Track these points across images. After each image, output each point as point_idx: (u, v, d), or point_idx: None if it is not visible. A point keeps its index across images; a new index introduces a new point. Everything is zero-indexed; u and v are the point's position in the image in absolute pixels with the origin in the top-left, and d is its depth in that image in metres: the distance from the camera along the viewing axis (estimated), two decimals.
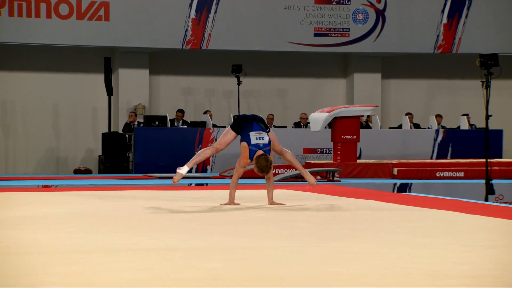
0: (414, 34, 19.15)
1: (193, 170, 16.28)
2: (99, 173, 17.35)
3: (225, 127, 16.94)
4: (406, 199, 8.73)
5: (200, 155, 7.88)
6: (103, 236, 5.44)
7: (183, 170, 7.77)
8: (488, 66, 12.08)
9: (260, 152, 7.53)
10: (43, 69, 18.78)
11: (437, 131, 17.16)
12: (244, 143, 7.59)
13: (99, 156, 17.62)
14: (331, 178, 13.51)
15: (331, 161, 14.66)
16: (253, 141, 7.57)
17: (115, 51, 18.81)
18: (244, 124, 7.71)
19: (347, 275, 4.00)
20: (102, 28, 17.81)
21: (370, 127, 17.79)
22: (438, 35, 19.19)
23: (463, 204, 8.21)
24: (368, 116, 18.01)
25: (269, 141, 7.62)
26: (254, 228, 6.07)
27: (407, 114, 18.02)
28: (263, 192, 8.06)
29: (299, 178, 13.49)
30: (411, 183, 13.31)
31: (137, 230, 5.81)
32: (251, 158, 7.56)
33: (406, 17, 19.17)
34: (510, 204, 12.36)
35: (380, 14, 19.08)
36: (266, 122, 7.91)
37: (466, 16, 19.21)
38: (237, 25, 18.49)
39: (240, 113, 16.44)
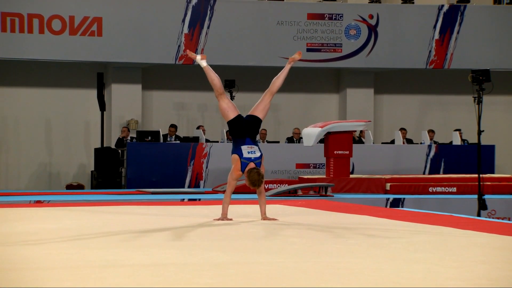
0: (406, 50, 19.21)
1: (186, 185, 16.28)
2: (92, 188, 17.30)
3: (217, 142, 16.98)
4: (399, 214, 8.72)
5: (213, 73, 7.97)
6: (95, 251, 5.42)
7: (202, 61, 7.99)
8: (480, 82, 12.13)
9: (251, 165, 7.54)
10: (36, 85, 18.76)
11: (429, 147, 17.19)
12: (236, 156, 7.60)
13: (92, 171, 17.59)
14: (324, 193, 13.50)
15: (324, 176, 14.67)
16: (245, 154, 7.58)
17: (108, 66, 18.81)
18: (238, 135, 7.73)
19: None
20: (94, 43, 17.80)
21: (362, 142, 17.81)
22: (430, 51, 19.26)
23: (456, 219, 8.21)
24: (360, 131, 18.04)
25: (261, 155, 7.64)
26: (247, 243, 6.06)
27: (400, 129, 18.05)
28: (256, 207, 8.05)
29: (292, 193, 13.49)
30: (404, 198, 13.32)
31: (129, 246, 5.79)
32: (242, 170, 7.56)
33: (399, 33, 19.24)
34: (502, 219, 12.36)
35: (373, 30, 19.15)
36: (259, 122, 7.90)
37: (458, 32, 19.29)
38: (230, 41, 18.51)
39: None
